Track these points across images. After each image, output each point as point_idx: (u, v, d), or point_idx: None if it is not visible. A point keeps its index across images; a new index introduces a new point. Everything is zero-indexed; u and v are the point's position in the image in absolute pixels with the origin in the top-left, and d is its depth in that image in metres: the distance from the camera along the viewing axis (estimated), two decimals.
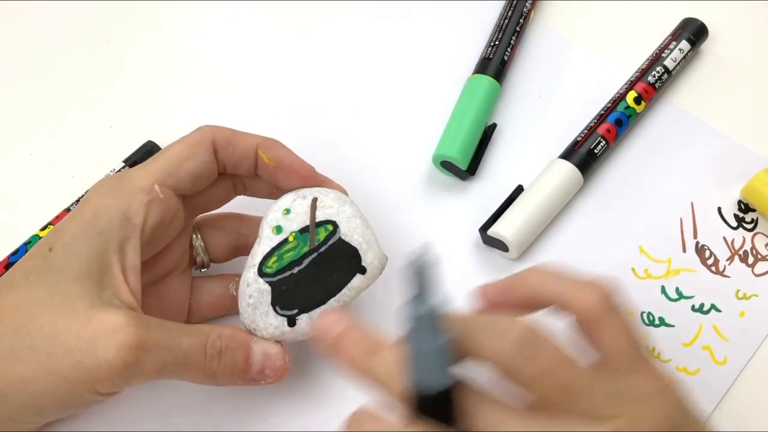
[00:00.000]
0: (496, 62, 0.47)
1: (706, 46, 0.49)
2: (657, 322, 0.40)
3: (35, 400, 0.30)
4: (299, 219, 0.35)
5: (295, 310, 0.35)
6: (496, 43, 0.47)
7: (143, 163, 0.35)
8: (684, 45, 0.47)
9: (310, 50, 0.50)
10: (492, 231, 0.41)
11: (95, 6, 0.53)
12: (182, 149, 0.35)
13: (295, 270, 0.35)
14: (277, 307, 0.35)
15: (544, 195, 0.41)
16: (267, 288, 0.34)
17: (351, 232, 0.36)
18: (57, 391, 0.29)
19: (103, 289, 0.31)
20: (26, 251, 0.41)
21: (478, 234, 0.42)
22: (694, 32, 0.48)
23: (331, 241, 0.35)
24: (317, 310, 0.35)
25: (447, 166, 0.44)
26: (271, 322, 0.34)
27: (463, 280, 0.41)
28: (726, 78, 0.49)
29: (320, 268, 0.35)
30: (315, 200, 0.36)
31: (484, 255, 0.42)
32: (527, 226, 0.41)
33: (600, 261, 0.42)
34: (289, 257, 0.35)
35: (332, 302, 0.35)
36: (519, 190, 0.43)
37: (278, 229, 0.35)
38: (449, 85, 0.47)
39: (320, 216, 0.35)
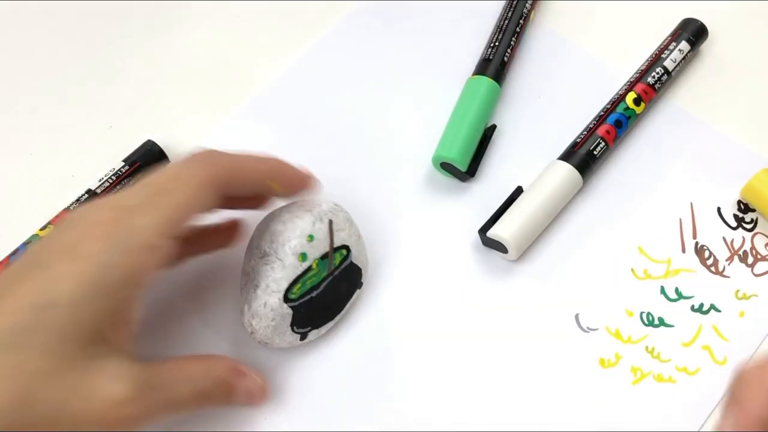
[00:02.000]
0: (496, 63, 0.46)
1: (706, 46, 0.49)
2: (656, 322, 0.40)
3: None
4: (321, 246, 0.36)
5: (308, 328, 0.38)
6: (496, 44, 0.47)
7: (146, 205, 0.33)
8: (684, 45, 0.47)
9: (309, 50, 0.50)
10: (491, 232, 0.41)
11: (95, 6, 0.53)
12: (189, 197, 0.33)
13: (314, 294, 0.37)
14: (294, 327, 0.37)
15: (543, 196, 0.41)
16: (289, 312, 0.36)
17: (358, 254, 0.38)
18: None
19: (107, 351, 0.31)
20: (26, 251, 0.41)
21: (477, 235, 0.42)
22: (694, 32, 0.48)
23: (344, 265, 0.38)
24: (326, 326, 0.38)
25: (447, 167, 0.44)
26: (287, 339, 0.37)
27: (462, 282, 0.42)
28: (726, 78, 0.49)
29: (332, 290, 0.38)
30: (331, 223, 0.37)
31: (484, 256, 0.42)
32: (527, 227, 0.41)
33: (599, 262, 0.42)
34: (311, 283, 0.37)
35: (337, 318, 0.39)
36: (518, 191, 0.43)
37: (303, 257, 0.36)
38: (449, 86, 0.47)
39: (336, 240, 0.37)
